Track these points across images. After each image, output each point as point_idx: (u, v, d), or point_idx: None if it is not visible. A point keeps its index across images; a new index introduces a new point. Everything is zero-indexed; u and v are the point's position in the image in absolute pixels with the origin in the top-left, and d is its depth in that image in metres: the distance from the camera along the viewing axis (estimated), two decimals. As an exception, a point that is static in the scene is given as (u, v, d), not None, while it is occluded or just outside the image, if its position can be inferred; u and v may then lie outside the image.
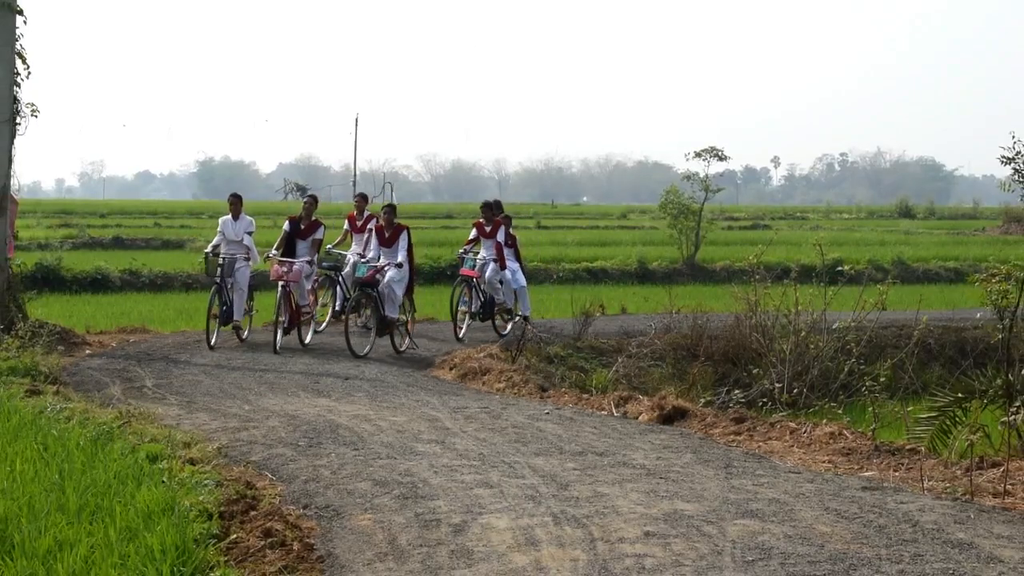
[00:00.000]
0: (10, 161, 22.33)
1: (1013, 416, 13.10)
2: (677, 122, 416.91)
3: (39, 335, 20.90)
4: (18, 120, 22.25)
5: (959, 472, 11.88)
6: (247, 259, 23.46)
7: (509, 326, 25.22)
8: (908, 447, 13.17)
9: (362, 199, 26.92)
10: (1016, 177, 17.55)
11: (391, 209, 23.87)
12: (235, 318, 23.11)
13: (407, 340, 23.10)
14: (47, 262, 37.93)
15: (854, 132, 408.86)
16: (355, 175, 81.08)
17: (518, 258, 26.44)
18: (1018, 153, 17.12)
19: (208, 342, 22.29)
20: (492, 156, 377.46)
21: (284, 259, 22.71)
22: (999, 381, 14.64)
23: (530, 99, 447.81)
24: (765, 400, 18.67)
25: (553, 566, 8.80)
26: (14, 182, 22.81)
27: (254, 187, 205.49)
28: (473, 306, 24.97)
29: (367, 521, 10.15)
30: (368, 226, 24.66)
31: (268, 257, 23.20)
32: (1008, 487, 11.22)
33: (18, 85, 22.23)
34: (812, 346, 19.81)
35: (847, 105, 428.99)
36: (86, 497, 10.30)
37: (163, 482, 11.06)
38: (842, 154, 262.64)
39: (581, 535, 9.59)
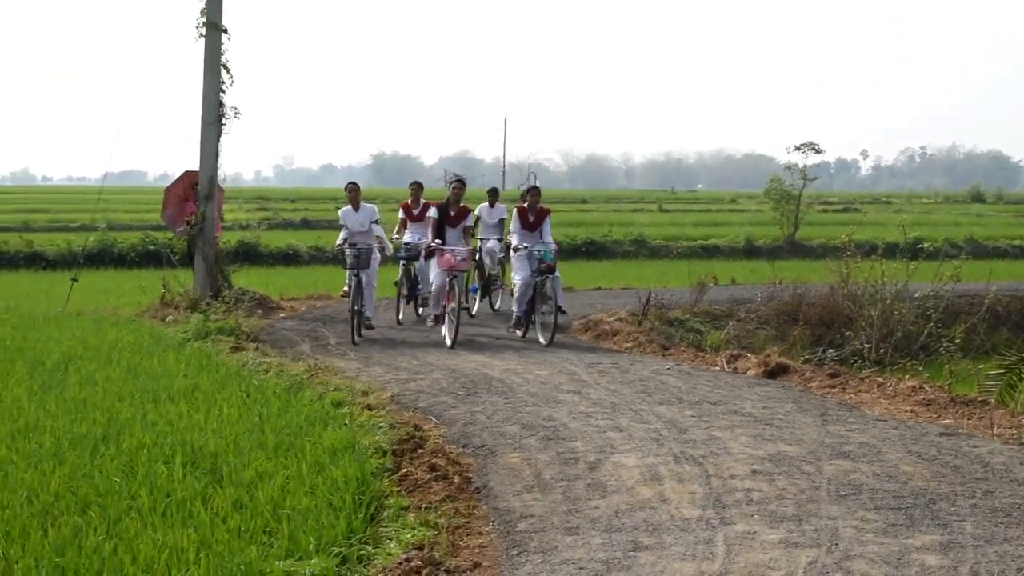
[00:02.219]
0: (216, 156, 22.74)
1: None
2: (779, 119, 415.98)
3: (241, 301, 21.35)
4: (223, 121, 22.59)
5: (1025, 421, 11.69)
6: (381, 249, 19.73)
7: (499, 301, 23.31)
8: (980, 399, 12.93)
9: (418, 187, 21.97)
10: None
11: (536, 191, 19.62)
12: (367, 314, 19.07)
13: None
14: (248, 240, 38.77)
15: (933, 128, 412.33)
16: (504, 167, 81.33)
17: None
18: None
19: (352, 338, 18.22)
20: (620, 149, 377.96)
21: (450, 247, 18.53)
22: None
23: (653, 100, 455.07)
24: (856, 358, 18.44)
25: (674, 498, 8.78)
26: (220, 173, 23.19)
27: (419, 176, 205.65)
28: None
29: (516, 459, 10.19)
30: (428, 213, 19.61)
31: (430, 247, 19.06)
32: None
33: (223, 92, 22.57)
34: (896, 312, 19.54)
35: (927, 103, 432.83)
36: (281, 436, 10.48)
37: (345, 424, 11.23)
38: (922, 147, 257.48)
39: (698, 472, 9.56)
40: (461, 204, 19.33)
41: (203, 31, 22.46)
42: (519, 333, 18.93)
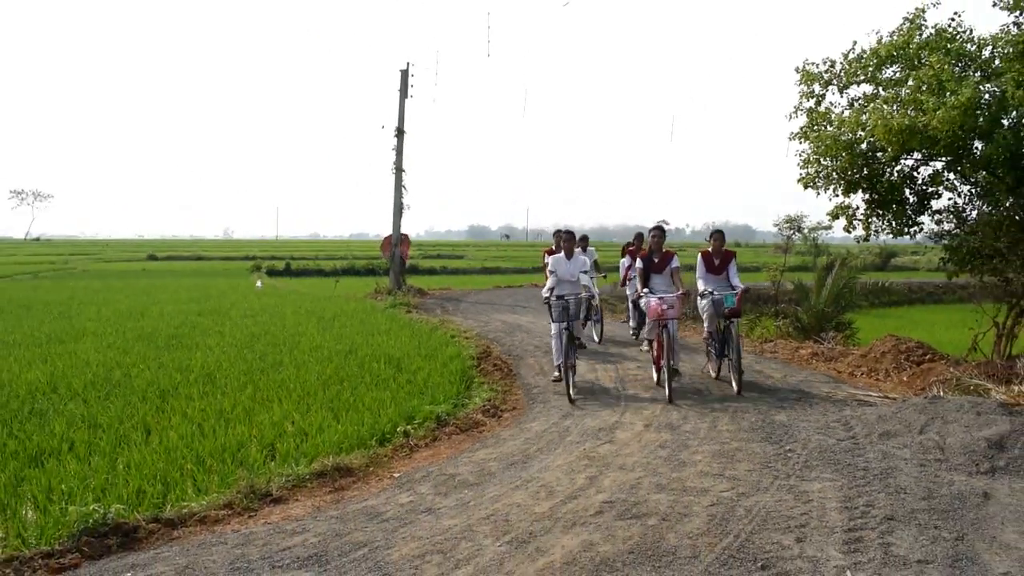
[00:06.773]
0: (400, 227, 22.69)
1: (779, 322, 13.05)
2: (647, 204, 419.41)
3: (411, 290, 21.35)
4: (403, 210, 22.57)
5: (758, 344, 11.66)
6: (589, 298, 9.54)
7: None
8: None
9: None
10: (779, 232, 17.65)
11: (720, 235, 9.24)
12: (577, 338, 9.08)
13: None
14: (413, 263, 38.39)
15: (717, 210, 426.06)
16: (527, 234, 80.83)
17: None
18: (780, 223, 17.09)
19: (568, 395, 8.00)
20: (580, 221, 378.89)
21: (657, 295, 8.41)
22: (774, 309, 14.48)
23: (597, 192, 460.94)
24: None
25: (603, 379, 8.82)
26: (402, 234, 23.19)
27: (486, 236, 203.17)
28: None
29: (532, 361, 10.24)
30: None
31: (641, 296, 8.67)
32: (775, 350, 11.02)
33: (403, 197, 22.52)
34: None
35: (714, 198, 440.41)
36: (428, 349, 10.51)
37: (456, 345, 11.26)
38: (712, 221, 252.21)
39: (612, 368, 9.58)
40: (664, 250, 8.96)
41: (393, 170, 22.51)
42: (711, 372, 9.06)
